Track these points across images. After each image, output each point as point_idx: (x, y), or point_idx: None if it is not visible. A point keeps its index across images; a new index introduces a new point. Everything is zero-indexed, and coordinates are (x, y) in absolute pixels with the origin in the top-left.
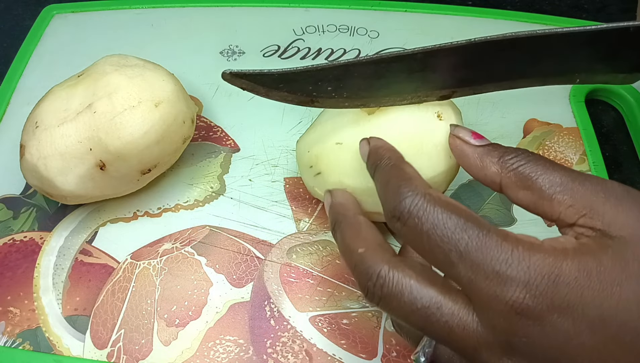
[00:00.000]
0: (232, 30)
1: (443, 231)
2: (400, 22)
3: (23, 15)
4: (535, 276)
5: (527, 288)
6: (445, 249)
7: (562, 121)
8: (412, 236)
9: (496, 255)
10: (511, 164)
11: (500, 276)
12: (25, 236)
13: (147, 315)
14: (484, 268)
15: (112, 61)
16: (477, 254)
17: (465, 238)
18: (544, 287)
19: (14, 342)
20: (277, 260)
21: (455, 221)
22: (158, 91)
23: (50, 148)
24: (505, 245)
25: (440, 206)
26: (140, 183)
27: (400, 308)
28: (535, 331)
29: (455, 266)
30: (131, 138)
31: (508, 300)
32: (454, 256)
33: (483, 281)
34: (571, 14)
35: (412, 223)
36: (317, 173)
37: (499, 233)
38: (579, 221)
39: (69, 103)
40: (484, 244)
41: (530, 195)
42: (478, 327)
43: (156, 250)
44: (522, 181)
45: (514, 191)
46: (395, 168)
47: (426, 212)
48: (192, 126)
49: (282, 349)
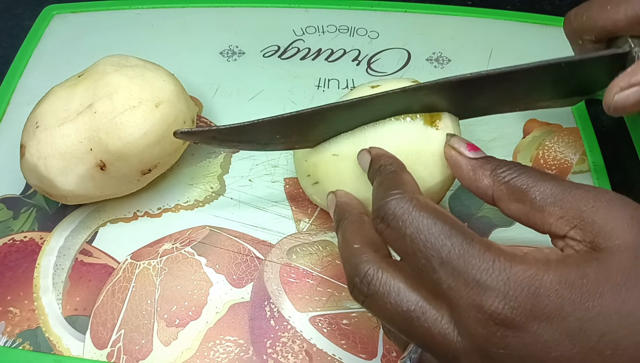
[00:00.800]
0: (232, 31)
1: (427, 236)
2: (400, 22)
3: (23, 16)
4: (515, 287)
5: (507, 298)
6: (428, 254)
7: (562, 121)
8: (395, 238)
9: (477, 263)
10: (503, 177)
11: (480, 285)
12: (25, 236)
13: (147, 315)
14: (465, 276)
15: (113, 61)
16: (458, 261)
17: (449, 244)
18: (523, 298)
19: (14, 342)
20: (277, 260)
21: (439, 227)
22: (158, 92)
23: (51, 147)
24: (487, 255)
25: (427, 211)
26: (141, 183)
27: (384, 309)
28: (514, 342)
29: (437, 272)
30: (131, 138)
31: (487, 309)
32: (435, 262)
33: (463, 289)
34: None
35: (396, 225)
36: (315, 182)
37: (482, 242)
38: (570, 233)
39: (69, 103)
40: (466, 252)
41: (522, 207)
42: (457, 337)
43: (156, 250)
44: (514, 193)
45: (506, 203)
46: (393, 173)
47: (411, 216)
48: (193, 127)
49: (282, 349)
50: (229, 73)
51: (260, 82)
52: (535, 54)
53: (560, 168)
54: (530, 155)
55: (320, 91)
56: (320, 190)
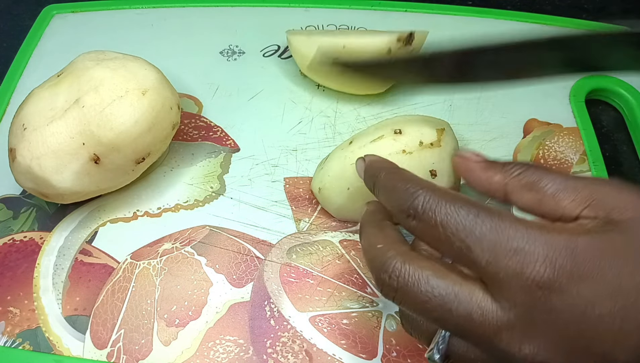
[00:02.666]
0: (232, 30)
1: (457, 218)
2: (400, 22)
3: (23, 16)
4: (553, 249)
5: (547, 261)
6: (462, 236)
7: (562, 120)
8: (428, 230)
9: (512, 234)
10: (514, 172)
11: (519, 253)
12: (25, 236)
13: (147, 315)
14: (502, 247)
15: (91, 57)
16: (493, 235)
17: (480, 222)
18: (562, 260)
19: (14, 342)
20: (277, 260)
21: (467, 209)
22: (143, 80)
23: (43, 147)
24: (519, 226)
25: (451, 198)
26: (136, 173)
27: (416, 299)
28: (558, 304)
29: (472, 251)
30: (123, 128)
31: (529, 275)
32: (470, 241)
33: (502, 260)
34: (572, 13)
35: (427, 217)
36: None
37: (512, 216)
38: (583, 212)
39: (54, 102)
40: (498, 226)
41: (535, 195)
42: (498, 310)
43: (156, 250)
44: (525, 184)
45: (520, 194)
46: (395, 173)
47: (439, 205)
48: (179, 113)
49: (282, 349)
50: (229, 73)
51: (260, 82)
52: None
53: (560, 167)
54: (531, 155)
55: (321, 90)
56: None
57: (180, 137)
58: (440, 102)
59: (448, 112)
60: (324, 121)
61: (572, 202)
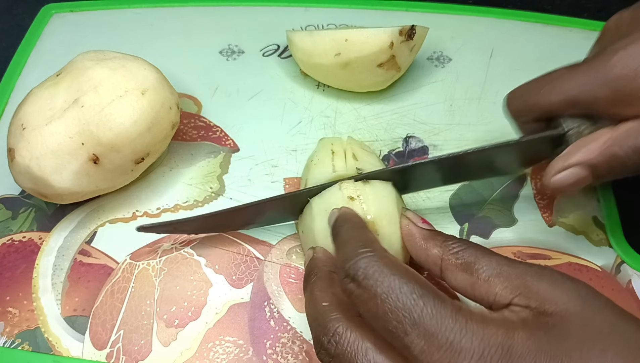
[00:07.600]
0: (232, 30)
1: (398, 295)
2: (401, 21)
3: (22, 15)
4: (490, 346)
5: (482, 359)
6: (400, 315)
7: None
8: (365, 299)
9: (451, 324)
10: (452, 248)
11: (454, 347)
12: (24, 237)
13: (146, 315)
14: (438, 338)
15: (90, 57)
16: (431, 322)
17: (421, 304)
18: (498, 358)
19: (13, 342)
20: (276, 260)
21: (411, 287)
22: (142, 80)
23: (42, 147)
24: (459, 316)
25: (398, 271)
26: (135, 173)
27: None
28: None
29: (408, 334)
30: (122, 128)
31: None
32: (407, 324)
33: (436, 352)
34: (572, 13)
35: (367, 284)
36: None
37: (454, 304)
38: (514, 300)
39: (53, 102)
40: (439, 313)
41: (469, 278)
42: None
43: (155, 251)
44: (461, 264)
45: (453, 273)
46: (356, 229)
47: (382, 274)
48: (178, 112)
49: (282, 350)
50: (229, 72)
51: (260, 82)
52: (536, 53)
53: None
54: None
55: (320, 90)
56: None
57: (179, 137)
58: (441, 102)
59: (449, 113)
60: (324, 121)
61: (504, 289)
